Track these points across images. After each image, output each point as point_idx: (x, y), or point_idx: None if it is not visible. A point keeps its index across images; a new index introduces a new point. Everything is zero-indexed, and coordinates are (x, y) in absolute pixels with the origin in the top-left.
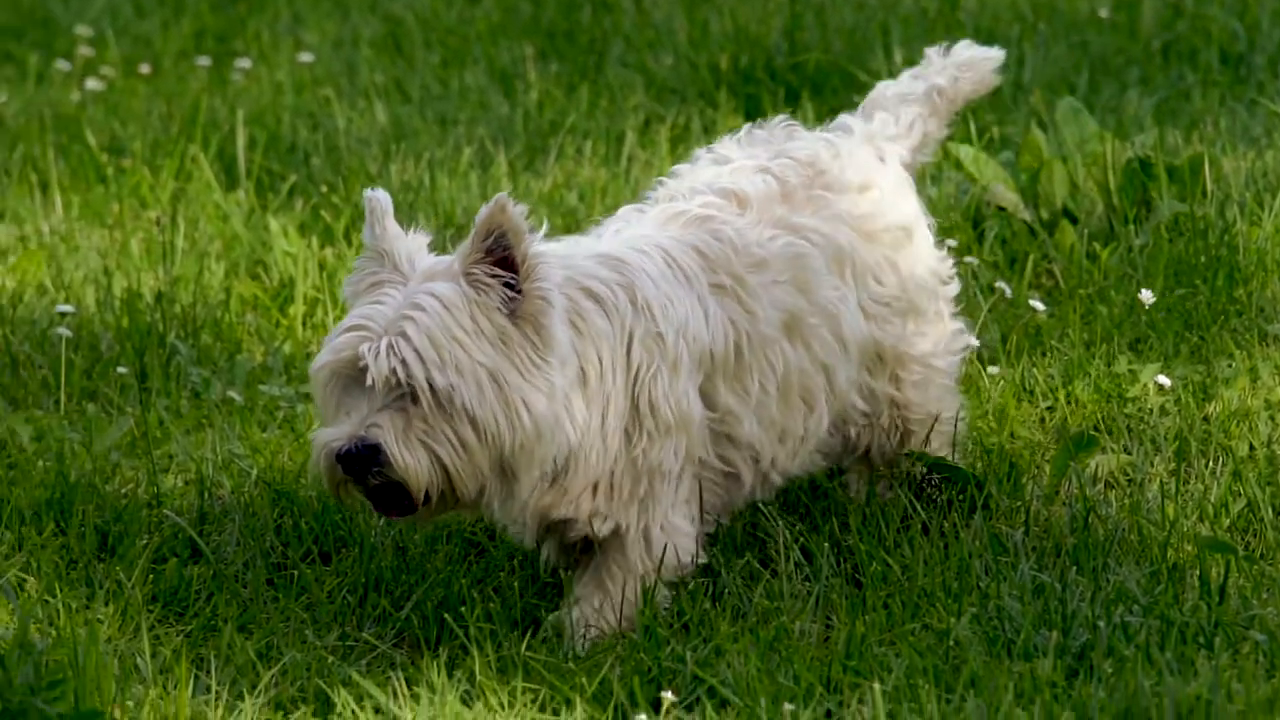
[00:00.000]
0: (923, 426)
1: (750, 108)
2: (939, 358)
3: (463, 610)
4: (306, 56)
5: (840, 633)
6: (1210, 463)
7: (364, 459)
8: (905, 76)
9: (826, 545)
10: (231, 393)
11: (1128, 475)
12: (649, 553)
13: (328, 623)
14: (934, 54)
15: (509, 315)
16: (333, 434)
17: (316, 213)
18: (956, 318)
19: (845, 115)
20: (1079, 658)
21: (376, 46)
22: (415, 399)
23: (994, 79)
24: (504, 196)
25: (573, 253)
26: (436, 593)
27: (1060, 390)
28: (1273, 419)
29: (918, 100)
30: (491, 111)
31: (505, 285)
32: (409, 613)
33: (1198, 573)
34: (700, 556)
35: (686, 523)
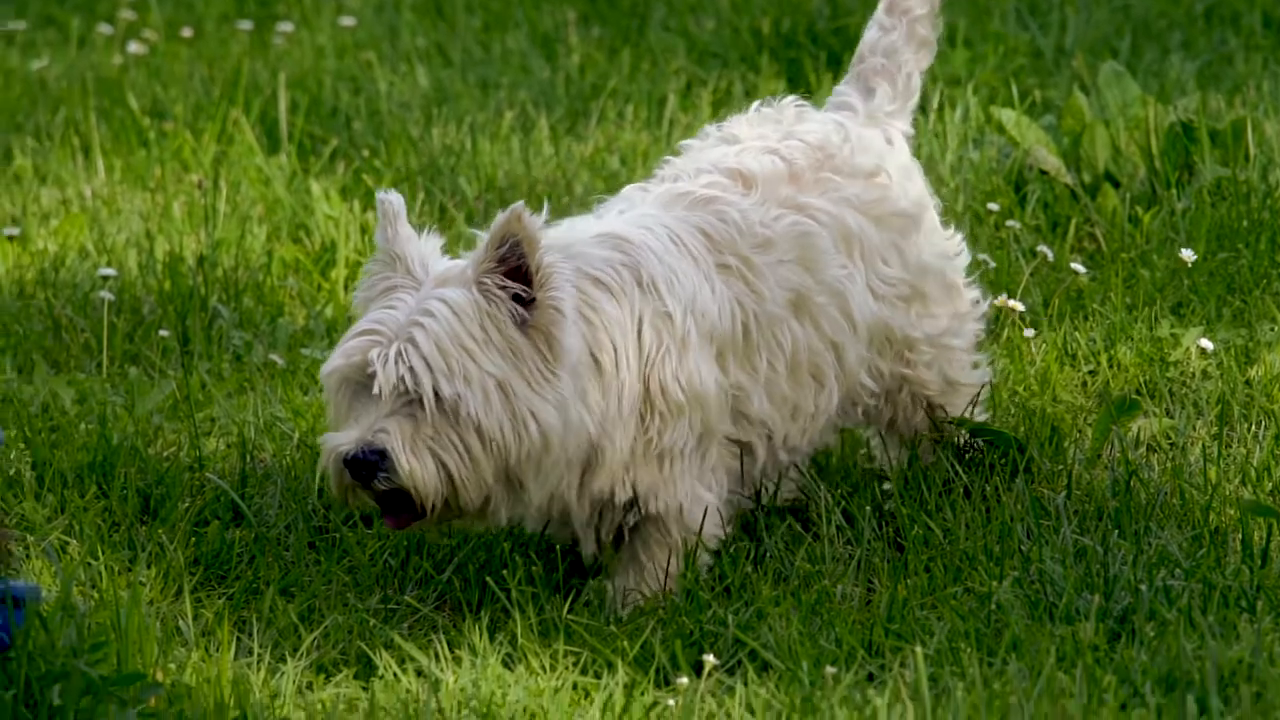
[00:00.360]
0: (945, 398)
1: (792, 72)
2: (952, 336)
3: (504, 573)
4: (348, 20)
5: (882, 596)
6: (1252, 426)
7: (370, 464)
8: (882, 16)
9: (868, 509)
10: (273, 356)
11: (1170, 439)
12: (682, 524)
13: (370, 585)
14: None
15: (520, 326)
16: (341, 439)
17: (358, 176)
18: (970, 286)
19: (843, 87)
20: (1121, 621)
21: (418, 10)
22: (424, 405)
23: None
24: (520, 205)
25: (575, 239)
26: (478, 556)
27: (1102, 354)
28: None
29: (904, 46)
30: (533, 75)
31: (516, 297)
32: (451, 575)
33: (1240, 536)
34: (727, 526)
35: (710, 493)
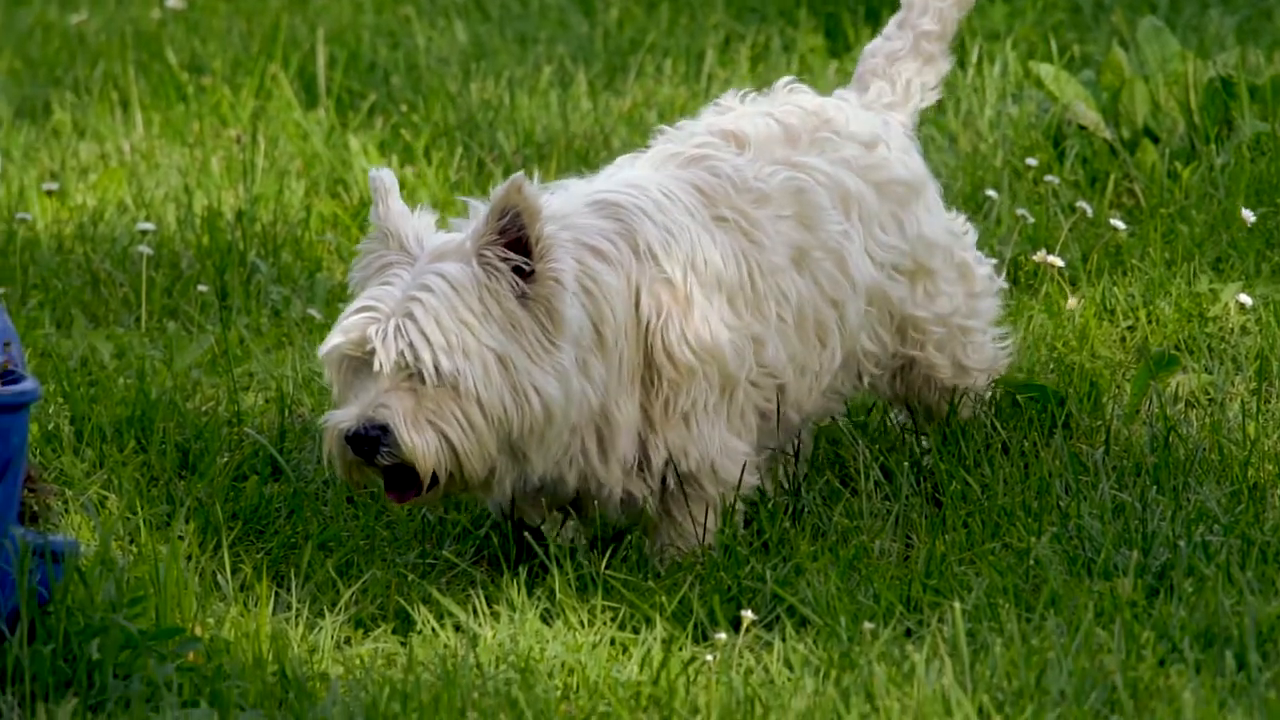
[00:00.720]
0: (959, 379)
1: (830, 26)
2: (965, 316)
3: (542, 528)
4: None
5: (920, 552)
6: None
7: (373, 440)
8: (891, 28)
9: (906, 464)
10: (311, 311)
11: (1208, 394)
12: (716, 479)
13: (408, 540)
14: None
15: (520, 298)
16: (342, 416)
17: (396, 131)
18: (982, 261)
19: (840, 90)
20: (1159, 577)
21: None
22: (424, 380)
23: None
24: (520, 176)
25: (570, 208)
26: (517, 510)
27: (1141, 309)
28: None
29: (908, 55)
30: (571, 30)
31: (516, 268)
32: (489, 530)
33: (1278, 492)
34: (763, 476)
35: (742, 443)
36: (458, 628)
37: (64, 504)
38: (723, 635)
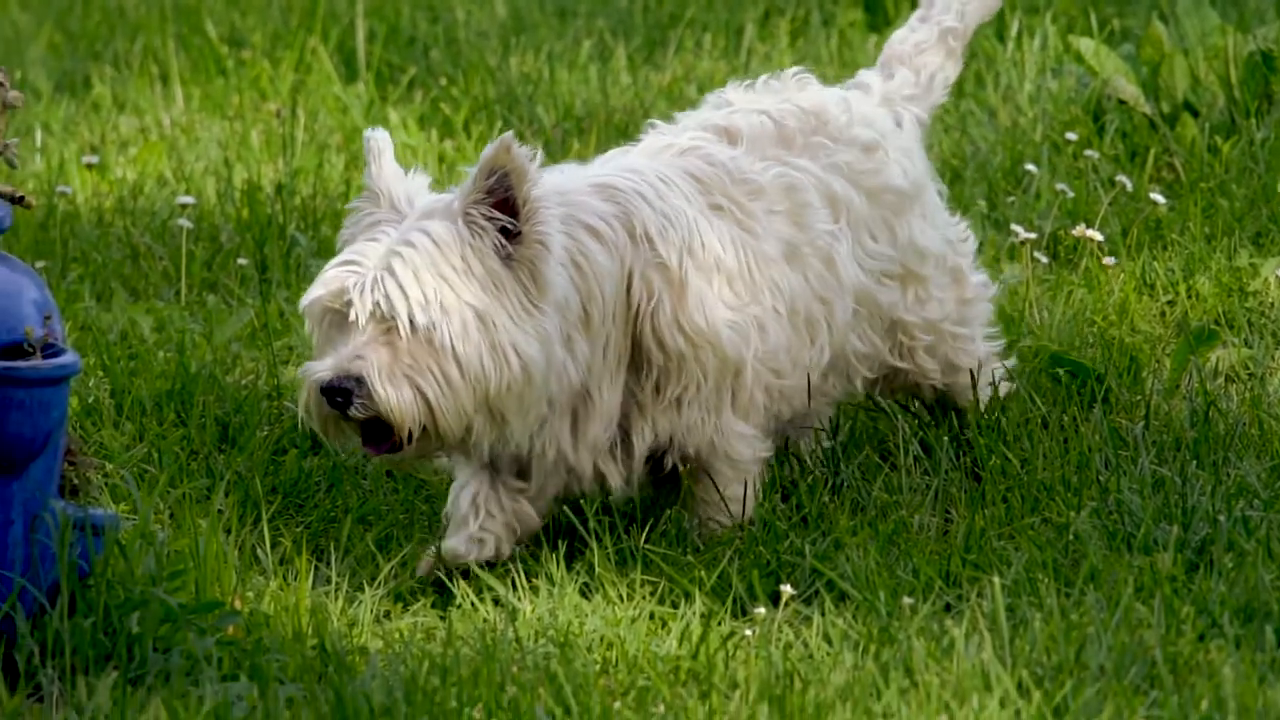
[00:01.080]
0: (950, 379)
1: (870, 1)
2: (955, 323)
3: (581, 503)
4: None
5: (959, 526)
6: None
7: (346, 391)
8: (914, 21)
9: (945, 439)
10: None
11: (1248, 369)
12: (730, 462)
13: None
14: None
15: (504, 258)
16: (319, 367)
17: (436, 105)
18: (978, 269)
19: (864, 71)
20: (1199, 552)
21: None
22: (401, 334)
23: (998, 2)
24: (509, 136)
25: (569, 186)
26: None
27: (1181, 284)
28: None
29: (933, 48)
30: (611, 4)
31: (503, 229)
32: None
33: None
34: (767, 451)
35: (748, 426)
36: (497, 602)
37: (104, 477)
38: (762, 610)
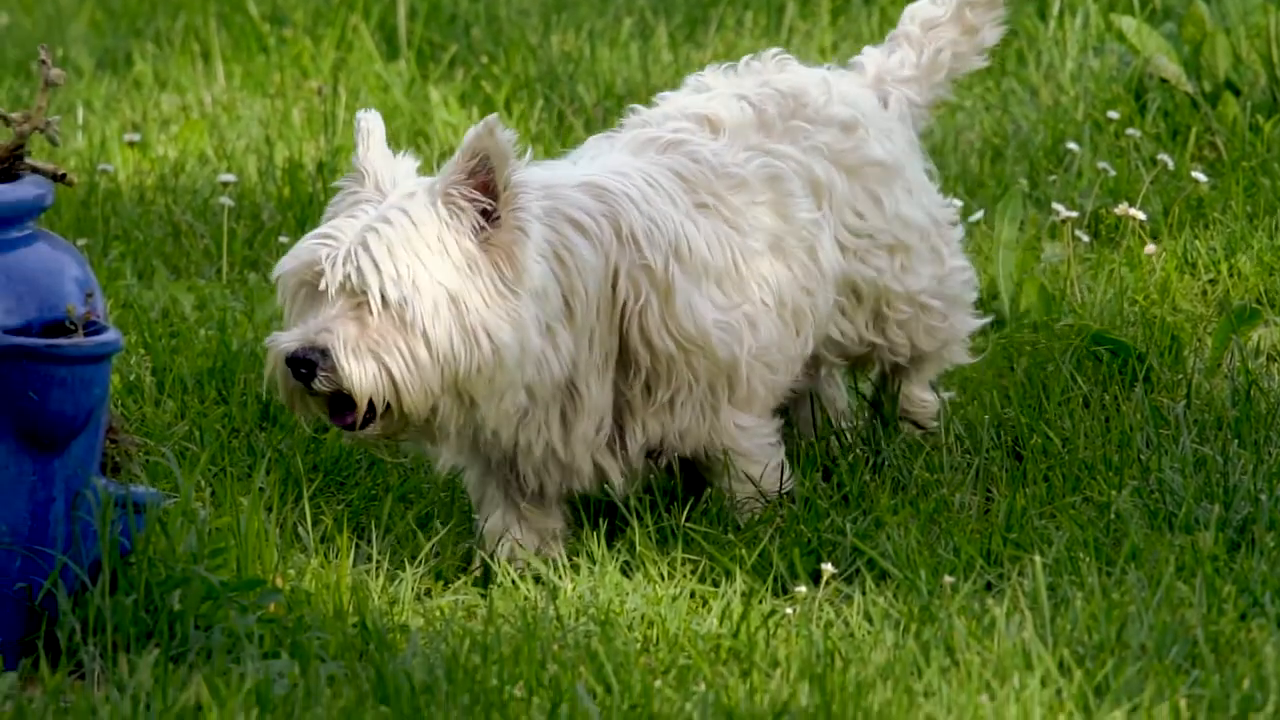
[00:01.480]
0: (914, 363)
1: None
2: (931, 296)
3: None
4: None
5: (1000, 505)
6: None
7: (311, 363)
8: None
9: (987, 418)
10: None
11: None
12: (744, 457)
13: None
14: None
15: (481, 242)
16: (285, 337)
17: (477, 83)
18: (959, 256)
19: (870, 49)
20: (1240, 531)
21: None
22: (371, 309)
23: None
24: (494, 119)
25: (556, 181)
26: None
27: (1222, 263)
28: None
29: (947, 25)
30: None
31: (483, 212)
32: None
33: None
34: (776, 437)
35: (748, 416)
36: (538, 580)
37: (145, 454)
38: (803, 588)
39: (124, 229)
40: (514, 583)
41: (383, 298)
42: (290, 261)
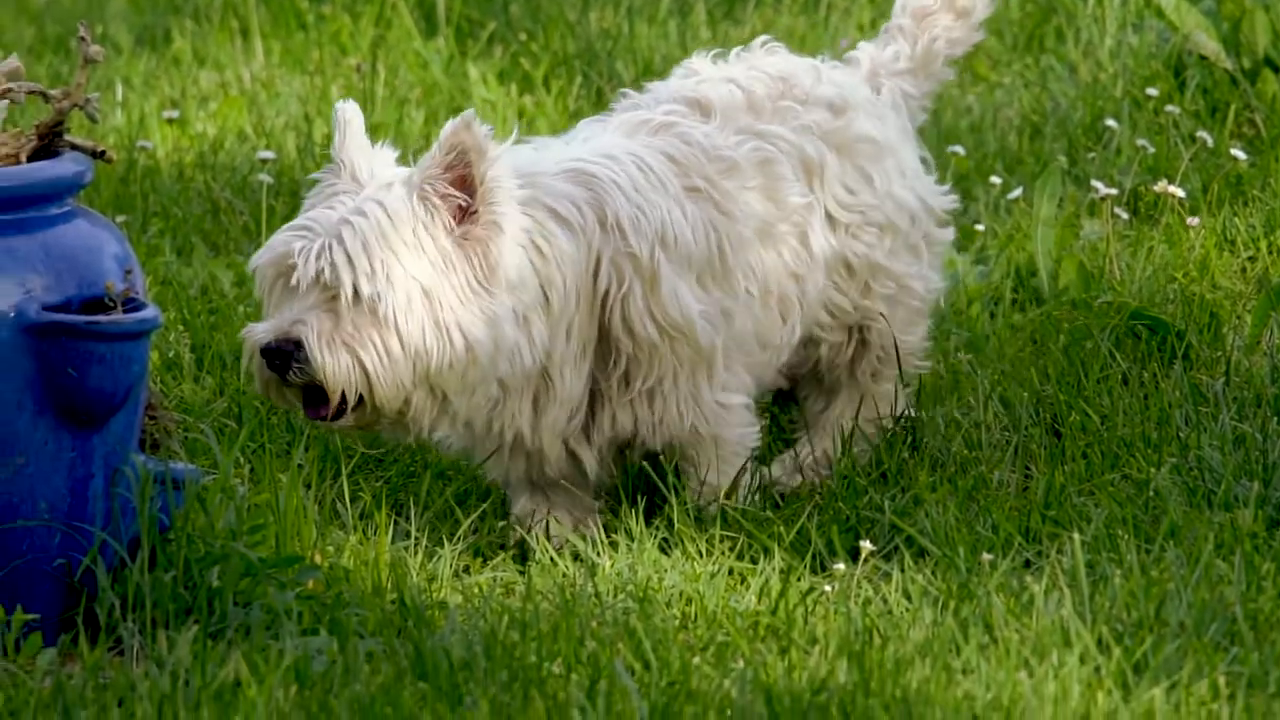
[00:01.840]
0: (881, 344)
1: None
2: (914, 280)
3: (660, 459)
4: None
5: (1039, 482)
6: None
7: (285, 355)
8: None
9: (1025, 394)
10: None
11: None
12: (718, 446)
13: None
14: None
15: (457, 237)
16: (260, 329)
17: (516, 60)
18: (936, 266)
19: (864, 43)
20: None
21: None
22: (344, 302)
23: None
24: (470, 114)
25: (540, 168)
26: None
27: (1262, 240)
28: None
29: (939, 12)
30: None
31: (459, 207)
32: None
33: None
34: (755, 427)
35: (731, 394)
36: (576, 557)
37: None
38: (841, 566)
39: (163, 206)
40: (552, 560)
41: (355, 292)
42: (266, 254)
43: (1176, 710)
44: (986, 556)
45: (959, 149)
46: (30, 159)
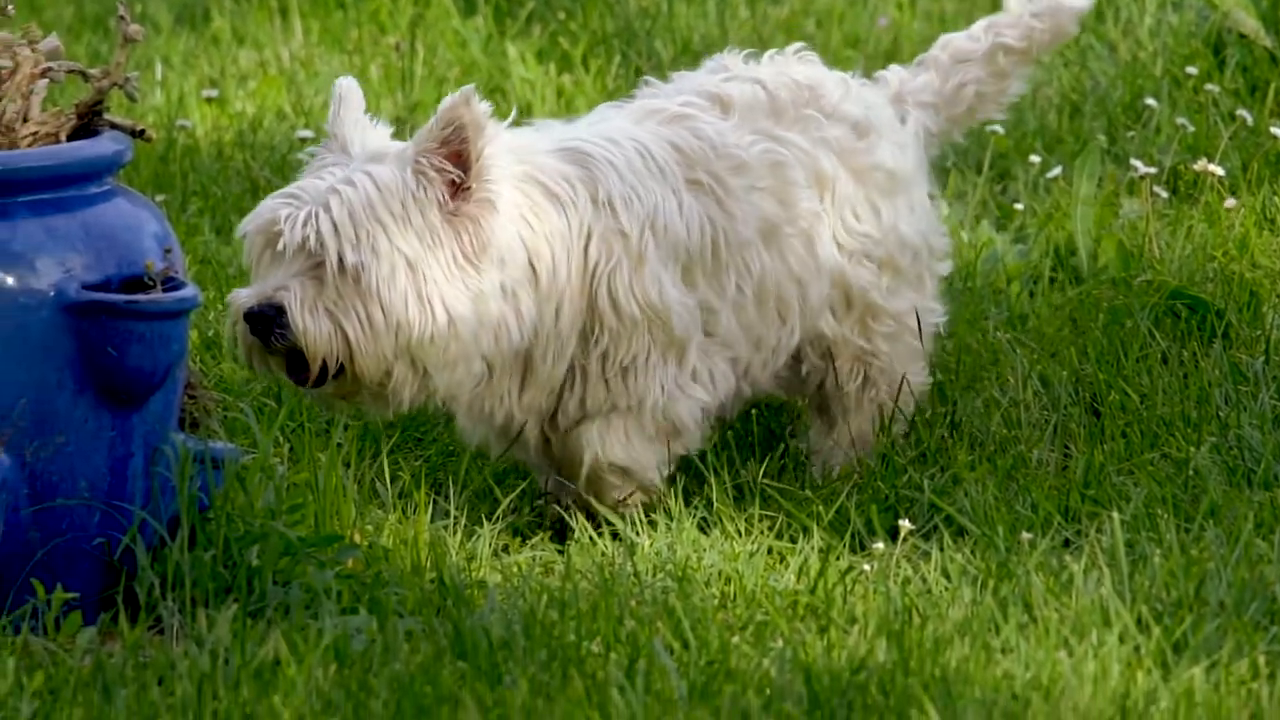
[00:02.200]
0: (884, 379)
1: None
2: (913, 318)
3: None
4: None
5: (1078, 462)
6: None
7: (268, 319)
8: (977, 28)
9: (1064, 374)
10: None
11: None
12: (659, 418)
13: None
14: (1015, 1)
15: (447, 212)
16: (244, 294)
17: (554, 39)
18: (937, 297)
19: (895, 67)
20: None
21: None
22: (329, 270)
23: (1074, 29)
24: (469, 89)
25: (537, 146)
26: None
27: None
28: None
29: (977, 63)
30: None
31: (452, 182)
32: None
33: None
34: (704, 425)
35: (698, 388)
36: (615, 536)
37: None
38: (880, 545)
39: (202, 184)
40: (591, 539)
41: (340, 260)
42: (253, 220)
43: (1216, 689)
44: (1026, 536)
45: (998, 128)
46: (70, 138)
